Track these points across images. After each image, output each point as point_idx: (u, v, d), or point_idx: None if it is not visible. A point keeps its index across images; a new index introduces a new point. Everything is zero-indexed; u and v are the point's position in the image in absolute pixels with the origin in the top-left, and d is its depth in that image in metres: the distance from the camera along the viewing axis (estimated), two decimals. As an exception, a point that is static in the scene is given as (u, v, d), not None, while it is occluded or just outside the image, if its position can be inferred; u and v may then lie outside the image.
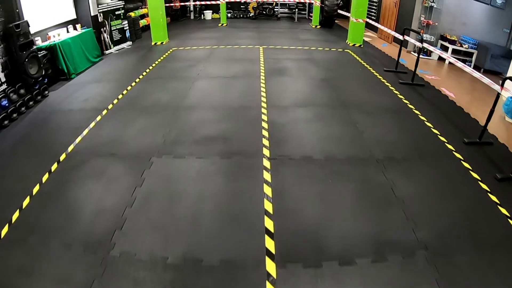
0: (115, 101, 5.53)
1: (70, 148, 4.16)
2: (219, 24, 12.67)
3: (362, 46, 9.50)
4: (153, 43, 9.62)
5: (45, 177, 3.58)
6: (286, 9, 14.71)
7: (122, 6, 9.51)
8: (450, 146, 4.28)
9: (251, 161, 3.73)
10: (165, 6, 13.09)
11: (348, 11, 13.04)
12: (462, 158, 4.02)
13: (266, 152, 3.93)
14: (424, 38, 8.57)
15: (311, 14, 14.29)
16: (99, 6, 8.64)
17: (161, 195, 3.24)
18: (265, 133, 4.36)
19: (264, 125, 4.57)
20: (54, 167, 3.78)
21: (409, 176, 3.61)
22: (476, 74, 4.89)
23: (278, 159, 3.77)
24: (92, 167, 3.75)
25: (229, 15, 14.27)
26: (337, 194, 3.26)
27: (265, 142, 4.13)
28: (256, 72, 6.82)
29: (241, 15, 14.55)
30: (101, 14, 8.73)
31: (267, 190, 3.28)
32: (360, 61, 7.92)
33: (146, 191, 3.29)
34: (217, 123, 4.64)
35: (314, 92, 5.87)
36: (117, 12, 9.32)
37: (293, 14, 14.13)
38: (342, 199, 3.20)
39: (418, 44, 6.67)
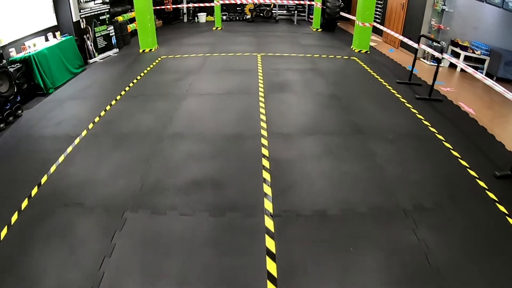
0: (91, 125, 4.75)
1: (34, 191, 3.41)
2: (214, 28, 11.86)
3: (368, 52, 8.77)
4: (141, 51, 8.82)
5: (3, 233, 2.86)
6: (285, 11, 13.91)
7: (107, 10, 8.72)
8: (482, 183, 3.57)
9: (249, 222, 2.93)
10: (157, 9, 12.36)
11: (349, 13, 12.33)
12: (497, 200, 3.32)
13: (268, 205, 3.12)
14: (434, 44, 7.89)
15: (311, 16, 13.51)
16: (82, 11, 7.85)
17: (133, 273, 2.47)
18: (266, 175, 3.54)
19: (265, 163, 3.76)
20: (14, 218, 3.04)
21: (442, 232, 2.88)
22: (499, 89, 4.22)
23: (284, 216, 2.97)
24: (56, 222, 2.99)
25: (224, 17, 13.47)
26: (361, 271, 2.49)
27: (267, 189, 3.32)
28: (254, 87, 6.02)
29: (237, 18, 13.74)
30: (84, 20, 7.95)
31: (271, 267, 2.50)
32: (369, 71, 7.17)
33: (115, 265, 2.53)
34: (207, 160, 3.81)
35: (323, 114, 5.07)
36: (101, 17, 8.52)
37: (292, 16, 13.36)
38: (367, 278, 2.46)
39: (437, 54, 5.92)
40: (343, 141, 4.28)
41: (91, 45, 8.24)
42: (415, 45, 6.69)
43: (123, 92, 5.87)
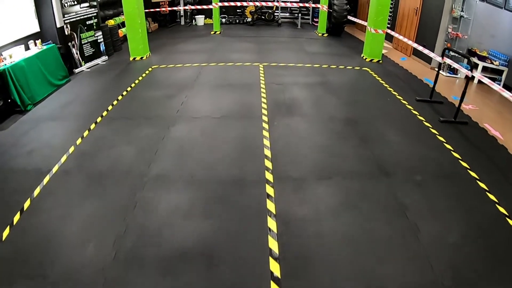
0: (64, 158, 4.01)
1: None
2: (212, 32, 11.09)
3: (381, 62, 8.04)
4: (131, 59, 8.07)
5: None
6: (288, 14, 13.13)
7: (95, 14, 7.97)
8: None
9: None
10: (153, 12, 11.62)
11: (355, 16, 11.60)
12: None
13: (276, 291, 2.35)
14: (451, 54, 7.20)
15: (315, 19, 12.77)
16: (66, 16, 7.11)
17: None
18: (273, 244, 2.74)
19: (271, 224, 2.94)
20: None
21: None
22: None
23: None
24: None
25: (223, 20, 12.71)
26: None
27: (274, 266, 2.54)
28: (256, 108, 5.24)
29: (237, 21, 12.96)
30: (68, 26, 7.21)
31: None
32: (385, 85, 6.42)
33: None
34: (198, 220, 3.01)
35: (338, 147, 4.26)
36: (88, 22, 7.77)
37: (296, 20, 12.61)
38: None
39: (467, 72, 5.18)
40: (366, 187, 3.49)
41: (76, 53, 7.51)
42: (438, 58, 5.97)
43: (105, 113, 5.11)
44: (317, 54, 8.59)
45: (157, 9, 11.49)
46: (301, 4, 11.22)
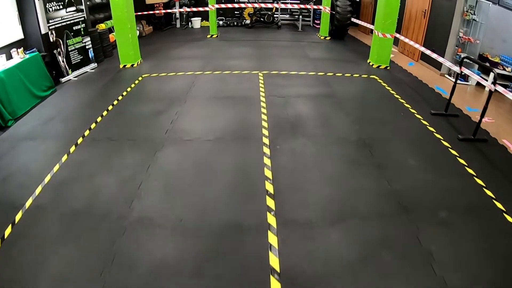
0: (39, 189, 3.52)
1: None
2: (208, 36, 10.57)
3: (388, 68, 7.55)
4: (121, 66, 7.57)
5: None
6: (288, 15, 12.62)
7: (83, 18, 7.47)
8: None
9: None
10: (147, 14, 11.11)
11: (358, 18, 11.11)
12: None
13: None
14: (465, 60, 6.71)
15: (316, 21, 12.27)
16: (51, 21, 6.61)
17: None
18: None
19: (275, 286, 2.42)
20: None
21: None
22: None
23: None
24: None
25: (220, 23, 12.19)
26: None
27: None
28: (255, 127, 4.66)
29: (235, 23, 12.44)
30: (54, 32, 6.71)
31: None
32: (396, 95, 5.92)
33: None
34: (186, 279, 2.46)
35: (352, 178, 3.67)
36: (75, 27, 7.28)
37: (296, 22, 12.10)
38: None
39: (489, 86, 4.66)
40: (385, 230, 2.97)
41: (63, 61, 7.01)
42: (455, 68, 5.48)
43: (87, 132, 4.60)
44: (320, 60, 8.09)
45: (151, 12, 10.97)
46: (302, 6, 10.70)
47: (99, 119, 4.96)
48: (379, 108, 5.43)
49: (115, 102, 5.51)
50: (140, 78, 6.68)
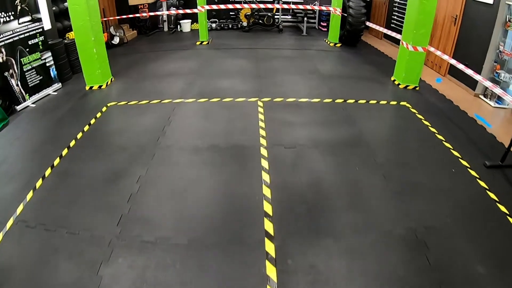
0: None
1: None
2: (198, 43, 9.06)
3: (417, 88, 6.16)
4: (87, 87, 6.15)
5: None
6: (289, 16, 11.13)
7: (41, 30, 6.06)
8: None
9: None
10: (132, 17, 9.67)
11: (369, 21, 9.68)
12: None
13: None
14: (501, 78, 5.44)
15: (322, 24, 10.82)
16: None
17: None
18: None
19: None
20: None
21: None
22: None
23: None
24: None
25: (213, 25, 10.73)
26: None
27: None
28: (253, 212, 3.05)
29: (230, 26, 10.95)
30: (3, 50, 5.32)
31: None
32: (437, 135, 4.41)
33: None
34: None
35: None
36: (31, 42, 5.85)
37: (300, 24, 10.65)
38: None
39: None
40: None
41: (17, 85, 5.61)
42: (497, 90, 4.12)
43: (20, 208, 3.22)
44: (335, 77, 6.56)
45: (136, 15, 9.51)
46: (308, 7, 9.22)
47: (38, 183, 3.56)
48: (423, 161, 3.92)
49: (64, 153, 4.09)
50: (104, 109, 5.19)
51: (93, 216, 3.04)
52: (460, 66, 5.40)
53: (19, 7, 5.55)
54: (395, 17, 9.28)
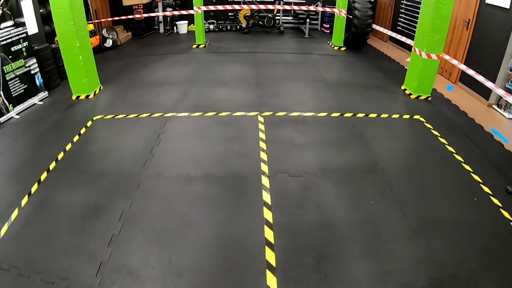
0: None
1: None
2: (194, 46, 8.60)
3: (430, 98, 5.74)
4: (74, 97, 5.69)
5: None
6: (291, 17, 10.67)
7: (25, 35, 5.62)
8: None
9: None
10: (127, 19, 9.20)
11: (373, 22, 9.24)
12: None
13: None
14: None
15: (325, 25, 10.37)
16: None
17: None
18: None
19: None
20: None
21: None
22: None
23: None
24: None
25: (211, 27, 10.27)
26: None
27: None
28: (256, 264, 2.60)
29: (229, 27, 10.48)
30: (-22, 57, 4.88)
31: None
32: (455, 154, 4.01)
33: None
34: None
35: None
36: (14, 48, 5.41)
37: (302, 25, 10.19)
38: None
39: None
40: None
41: (0, 95, 5.21)
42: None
43: None
44: (342, 86, 6.08)
45: (130, 16, 9.04)
46: (312, 8, 8.77)
47: (14, 215, 3.15)
48: (444, 189, 3.45)
49: (43, 177, 3.66)
50: (89, 124, 4.73)
51: (70, 262, 2.61)
52: (470, 72, 5.00)
53: (0, 11, 5.12)
54: (402, 19, 8.85)
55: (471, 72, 5.04)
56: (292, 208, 3.12)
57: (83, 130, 4.59)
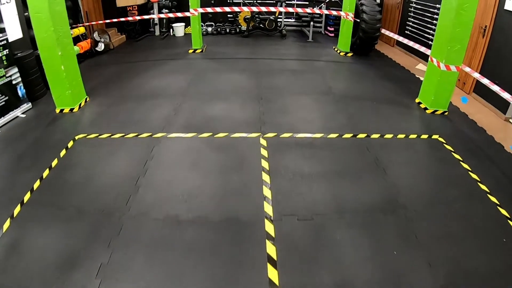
0: None
1: None
2: (190, 50, 8.10)
3: (447, 113, 5.27)
4: (57, 110, 5.23)
5: None
6: (293, 19, 10.16)
7: (5, 42, 5.13)
8: None
9: None
10: (118, 22, 8.70)
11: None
12: None
13: None
14: None
15: (329, 28, 9.88)
16: None
17: None
18: None
19: None
20: None
21: None
22: None
23: None
24: None
25: (209, 29, 9.77)
26: None
27: None
28: None
29: (228, 30, 9.99)
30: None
31: None
32: (480, 184, 3.53)
33: None
34: None
35: None
36: (-9, 57, 4.96)
37: (305, 28, 9.69)
38: None
39: None
40: None
41: None
42: None
43: None
44: (352, 100, 5.56)
45: (122, 19, 8.54)
46: (317, 10, 8.25)
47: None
48: (471, 229, 2.98)
49: (17, 212, 3.19)
50: (70, 144, 4.23)
51: None
52: (485, 81, 4.54)
53: (-28, 17, 4.63)
54: (411, 23, 8.37)
55: (495, 88, 4.58)
56: (301, 265, 2.61)
57: (63, 153, 4.09)
